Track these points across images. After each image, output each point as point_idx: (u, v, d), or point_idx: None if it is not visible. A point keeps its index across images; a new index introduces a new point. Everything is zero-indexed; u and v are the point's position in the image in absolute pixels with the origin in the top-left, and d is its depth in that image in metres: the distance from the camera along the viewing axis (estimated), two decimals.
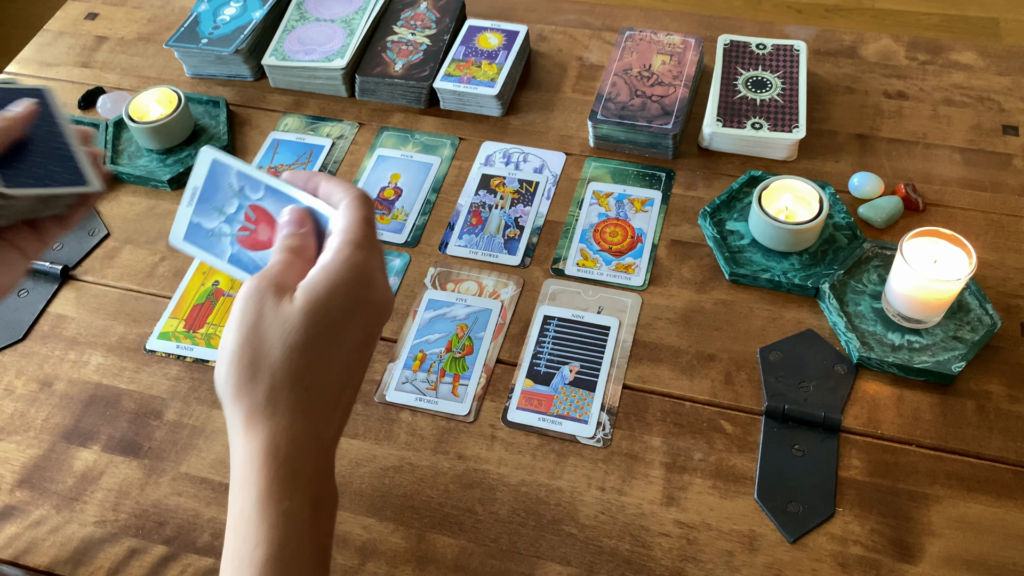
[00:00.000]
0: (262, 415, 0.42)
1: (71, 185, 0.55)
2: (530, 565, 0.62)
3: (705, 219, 0.80)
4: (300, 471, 0.42)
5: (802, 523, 0.62)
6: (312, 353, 0.43)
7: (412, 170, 0.88)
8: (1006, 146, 0.85)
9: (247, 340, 0.42)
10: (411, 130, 0.92)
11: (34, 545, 0.65)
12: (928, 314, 0.70)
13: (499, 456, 0.67)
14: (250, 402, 0.42)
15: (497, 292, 0.77)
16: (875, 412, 0.68)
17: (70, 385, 0.74)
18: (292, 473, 0.42)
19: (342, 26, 0.98)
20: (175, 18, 1.08)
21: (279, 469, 0.41)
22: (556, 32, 1.01)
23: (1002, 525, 0.62)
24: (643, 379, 0.71)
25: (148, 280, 0.81)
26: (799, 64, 0.89)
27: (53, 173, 0.55)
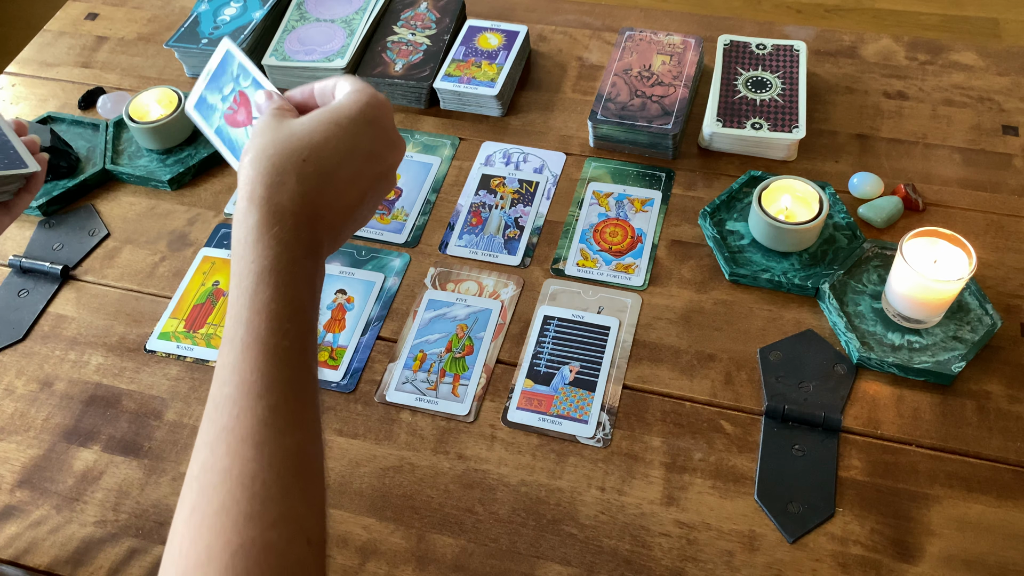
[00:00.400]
0: (272, 190, 0.48)
1: (8, 168, 0.64)
2: (530, 565, 0.62)
3: (705, 219, 0.80)
4: (294, 220, 0.48)
5: (802, 523, 0.62)
6: (324, 147, 0.50)
7: (412, 170, 0.88)
8: (1006, 146, 0.85)
9: (265, 145, 0.49)
10: (411, 130, 0.92)
11: (34, 545, 0.65)
12: (928, 314, 0.70)
13: (499, 456, 0.67)
14: (263, 190, 0.48)
15: (497, 292, 0.77)
16: (875, 412, 0.68)
17: (70, 385, 0.74)
18: (286, 216, 0.48)
19: (342, 26, 0.98)
20: (175, 18, 1.08)
21: (273, 213, 0.48)
22: (556, 32, 1.01)
23: (1002, 525, 0.62)
24: (643, 379, 0.71)
25: (148, 280, 0.81)
26: (799, 64, 0.89)
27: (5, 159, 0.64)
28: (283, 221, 0.48)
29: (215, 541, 0.40)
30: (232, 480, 0.41)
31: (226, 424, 0.43)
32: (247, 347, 0.45)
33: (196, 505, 0.42)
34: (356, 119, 0.51)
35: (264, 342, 0.45)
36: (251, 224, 0.48)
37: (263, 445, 0.42)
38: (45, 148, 0.86)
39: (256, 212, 0.48)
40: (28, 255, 0.84)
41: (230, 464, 0.42)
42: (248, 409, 0.43)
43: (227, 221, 0.85)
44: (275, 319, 0.46)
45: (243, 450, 0.42)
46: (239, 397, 0.44)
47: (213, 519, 0.41)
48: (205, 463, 0.43)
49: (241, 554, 0.40)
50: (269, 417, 0.43)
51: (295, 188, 0.49)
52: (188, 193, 0.88)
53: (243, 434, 0.43)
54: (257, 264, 0.47)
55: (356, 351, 0.74)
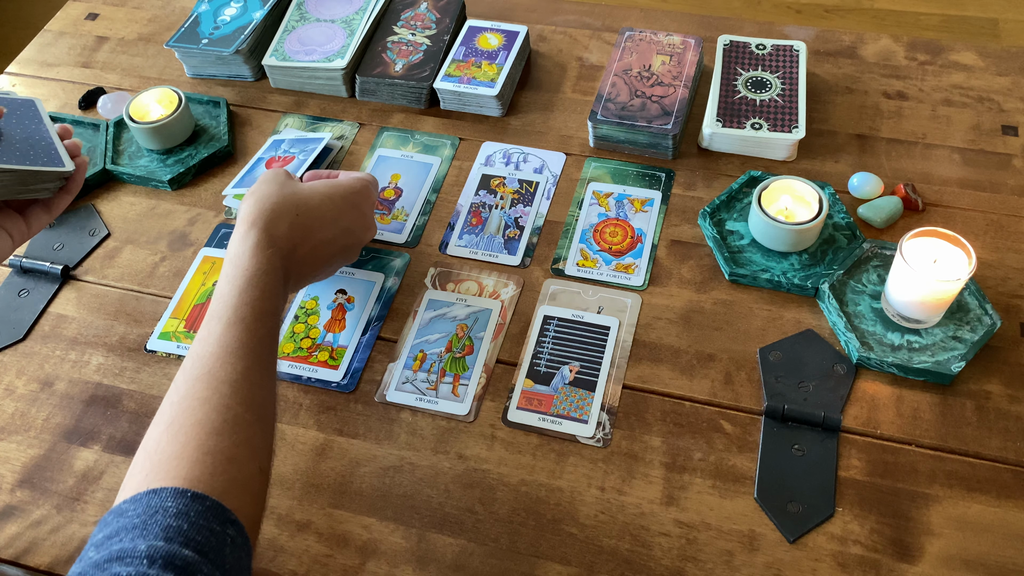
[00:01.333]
0: (271, 223, 0.64)
1: (47, 165, 0.68)
2: (530, 565, 0.62)
3: (705, 219, 0.80)
4: (281, 249, 0.63)
5: (802, 523, 0.62)
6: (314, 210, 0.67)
7: (412, 170, 0.88)
8: (1006, 146, 0.85)
9: (272, 192, 0.66)
10: (411, 130, 0.92)
11: (35, 545, 0.65)
12: (928, 314, 0.70)
13: (499, 456, 0.67)
14: (262, 223, 0.64)
15: (497, 292, 0.78)
16: (875, 412, 0.68)
17: (71, 385, 0.74)
18: (277, 242, 0.63)
19: (342, 26, 0.98)
20: (175, 18, 1.08)
21: (269, 237, 0.63)
22: (556, 32, 1.02)
23: (1002, 525, 0.62)
24: (643, 379, 0.71)
25: (148, 280, 0.81)
26: (799, 64, 0.89)
27: (31, 155, 0.67)
28: (275, 246, 0.62)
29: (189, 442, 0.50)
30: (210, 405, 0.52)
31: (209, 370, 0.54)
32: (232, 324, 0.56)
33: (175, 419, 0.52)
34: (345, 198, 0.70)
35: (247, 325, 0.57)
36: (251, 242, 0.62)
37: (238, 388, 0.53)
38: None
39: (256, 234, 0.62)
40: (28, 255, 0.84)
41: (210, 395, 0.52)
42: (229, 364, 0.54)
43: (228, 221, 0.86)
44: (258, 312, 0.58)
45: (221, 388, 0.53)
46: (222, 354, 0.55)
47: (190, 429, 0.51)
48: (187, 392, 0.53)
49: (209, 456, 0.49)
50: (244, 371, 0.55)
51: (286, 229, 0.64)
52: (188, 193, 0.89)
53: (222, 377, 0.54)
54: (250, 270, 0.60)
55: (356, 351, 0.74)
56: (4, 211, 0.68)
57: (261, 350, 0.57)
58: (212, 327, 0.57)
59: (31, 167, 0.66)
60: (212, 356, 0.55)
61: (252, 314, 0.57)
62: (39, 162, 0.67)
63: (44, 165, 0.67)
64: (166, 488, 0.47)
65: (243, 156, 0.91)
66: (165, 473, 0.48)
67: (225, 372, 0.54)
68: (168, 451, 0.49)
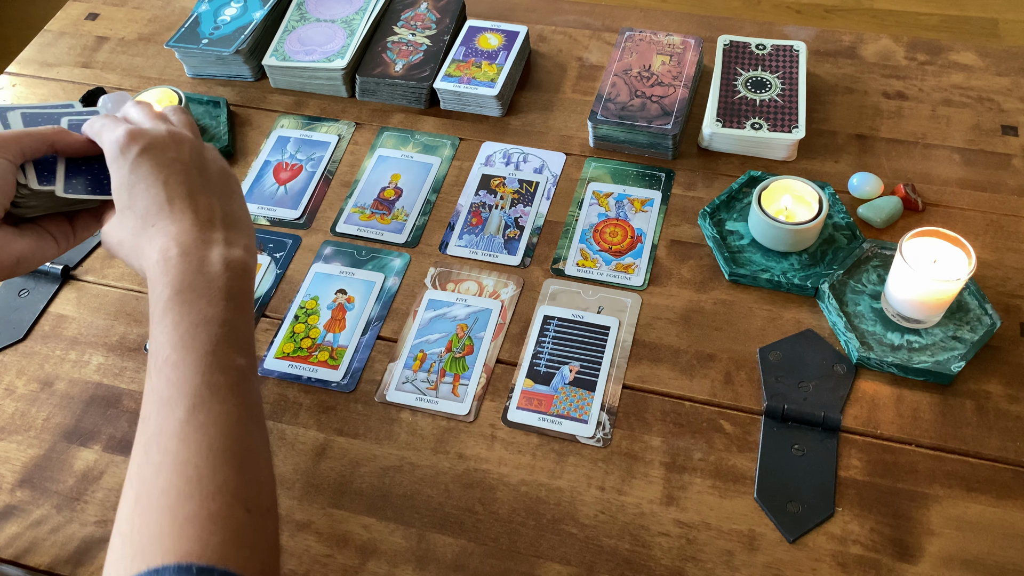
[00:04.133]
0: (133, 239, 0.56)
1: (101, 193, 0.61)
2: (530, 565, 0.62)
3: (705, 219, 0.80)
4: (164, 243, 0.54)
5: (802, 523, 0.62)
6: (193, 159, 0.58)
7: (412, 170, 0.88)
8: (1005, 146, 0.85)
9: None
10: (411, 130, 0.92)
11: (35, 545, 0.65)
12: (927, 314, 0.70)
13: (499, 456, 0.67)
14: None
15: (497, 292, 0.78)
16: (874, 412, 0.68)
17: (71, 385, 0.74)
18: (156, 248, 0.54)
19: (342, 26, 0.98)
20: (176, 18, 1.08)
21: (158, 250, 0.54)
22: (556, 33, 1.02)
23: (1001, 525, 0.62)
24: (643, 379, 0.71)
25: None
26: (798, 64, 0.89)
27: (102, 182, 0.61)
28: (168, 261, 0.53)
29: (162, 517, 0.45)
30: (167, 469, 0.47)
31: (153, 431, 0.48)
32: (159, 371, 0.50)
33: (139, 494, 0.47)
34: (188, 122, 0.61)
35: (172, 361, 0.50)
36: (151, 275, 0.54)
37: (188, 439, 0.48)
38: None
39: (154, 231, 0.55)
40: None
41: (162, 459, 0.47)
42: (169, 416, 0.48)
43: None
44: (178, 339, 0.51)
45: (171, 445, 0.47)
46: (160, 408, 0.49)
47: (158, 500, 0.46)
48: (141, 463, 0.48)
49: (189, 525, 0.45)
50: (188, 416, 0.48)
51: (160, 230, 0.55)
52: None
53: (169, 434, 0.48)
54: (156, 303, 0.52)
55: (356, 351, 0.74)
56: (55, 217, 0.63)
57: (198, 379, 0.49)
58: (146, 383, 0.51)
59: (96, 196, 0.61)
60: (152, 416, 0.49)
61: (171, 344, 0.50)
62: (107, 191, 0.60)
63: (100, 193, 0.61)
64: (168, 566, 0.43)
65: (243, 156, 0.91)
66: (153, 553, 0.44)
67: (170, 428, 0.48)
68: (145, 531, 0.45)
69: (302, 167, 0.89)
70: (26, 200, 0.59)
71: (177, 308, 0.51)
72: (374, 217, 0.84)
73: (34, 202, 0.60)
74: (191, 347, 0.50)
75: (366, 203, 0.86)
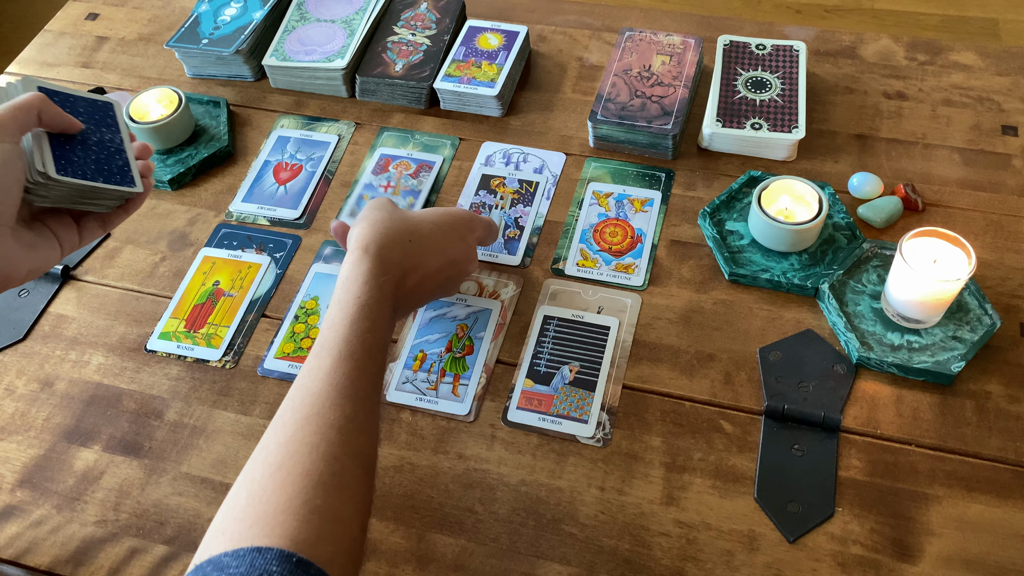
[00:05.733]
0: (385, 249, 0.63)
1: (115, 184, 0.63)
2: (530, 565, 0.62)
3: (705, 219, 0.80)
4: (394, 275, 0.63)
5: (802, 523, 0.62)
6: (425, 239, 0.66)
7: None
8: (1005, 146, 0.85)
9: (383, 219, 0.65)
10: (411, 130, 0.92)
11: (35, 545, 0.65)
12: (927, 314, 0.70)
13: (499, 456, 0.67)
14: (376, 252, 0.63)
15: (497, 292, 0.78)
16: (874, 412, 0.68)
17: (71, 385, 0.74)
18: (391, 269, 0.63)
19: (342, 26, 0.98)
20: (176, 18, 1.08)
21: (384, 264, 0.62)
22: (556, 32, 1.02)
23: (1001, 525, 0.62)
24: (643, 379, 0.71)
25: (149, 280, 0.81)
26: (798, 64, 0.89)
27: (102, 170, 0.63)
28: (387, 273, 0.61)
29: (296, 496, 0.47)
30: (318, 454, 0.49)
31: (319, 411, 0.52)
32: (343, 359, 0.55)
33: (283, 464, 0.49)
34: (454, 227, 0.69)
35: (357, 360, 0.55)
36: (364, 268, 0.61)
37: (347, 435, 0.51)
38: None
39: (369, 260, 0.61)
40: None
41: (318, 442, 0.50)
42: (338, 405, 0.52)
43: (228, 221, 0.86)
44: (368, 347, 0.56)
45: (330, 434, 0.50)
46: (332, 394, 0.53)
47: (298, 479, 0.48)
48: (295, 435, 0.50)
49: (316, 516, 0.47)
50: (352, 416, 0.52)
51: (399, 256, 0.63)
52: (188, 193, 0.89)
53: (331, 421, 0.51)
54: (362, 298, 0.59)
55: None
56: (60, 217, 0.63)
57: (370, 390, 0.55)
58: (323, 360, 0.55)
59: (102, 184, 0.61)
60: (322, 395, 0.53)
61: (363, 348, 0.56)
62: (111, 180, 0.62)
63: (115, 184, 0.62)
64: (272, 549, 0.44)
65: (243, 156, 0.91)
66: (271, 529, 0.46)
67: (334, 416, 0.51)
68: (275, 501, 0.47)
69: (302, 167, 0.89)
70: (39, 188, 0.59)
71: (380, 318, 0.59)
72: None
73: (46, 192, 0.59)
74: (373, 358, 0.57)
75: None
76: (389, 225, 0.65)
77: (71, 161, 0.60)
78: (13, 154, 0.56)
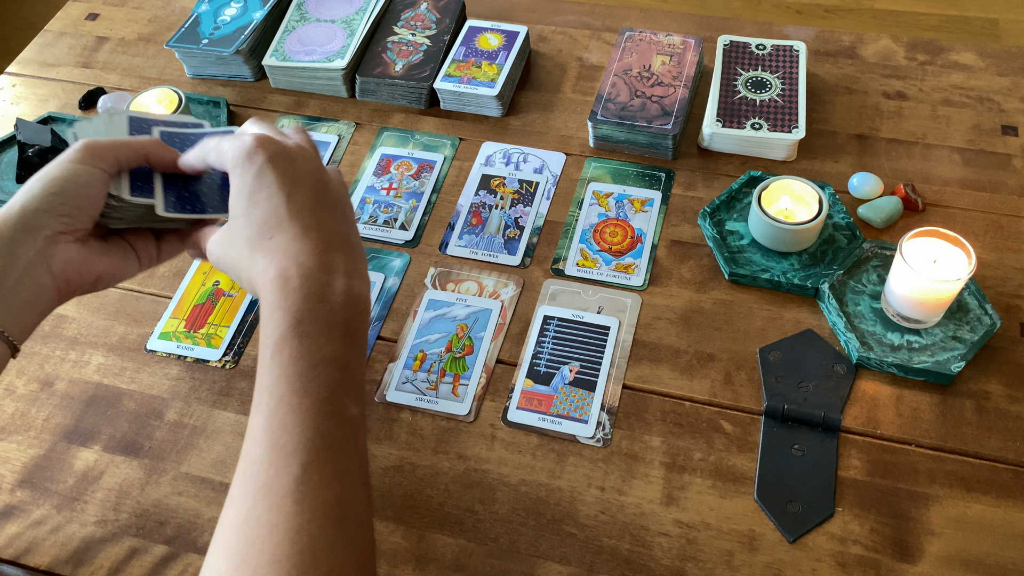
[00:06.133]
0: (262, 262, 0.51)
1: (211, 212, 0.59)
2: (530, 565, 0.62)
3: (705, 219, 0.80)
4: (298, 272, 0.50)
5: (802, 523, 0.62)
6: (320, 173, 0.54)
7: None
8: (1005, 146, 0.85)
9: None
10: (411, 130, 0.92)
11: (35, 545, 0.65)
12: (927, 314, 0.70)
13: (499, 456, 0.67)
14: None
15: (497, 292, 0.78)
16: (874, 412, 0.68)
17: (71, 385, 0.74)
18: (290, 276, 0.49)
19: (342, 27, 0.98)
20: (176, 19, 1.08)
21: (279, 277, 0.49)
22: (556, 33, 1.02)
23: (1001, 525, 0.62)
24: (643, 379, 0.71)
25: (149, 280, 0.81)
26: (799, 64, 0.89)
27: (206, 201, 0.59)
28: (288, 283, 0.49)
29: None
30: (280, 533, 0.42)
31: (265, 482, 0.44)
32: (273, 411, 0.46)
33: (247, 556, 0.42)
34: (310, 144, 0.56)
35: (287, 403, 0.46)
36: (265, 293, 0.49)
37: (303, 501, 0.43)
38: (45, 148, 0.87)
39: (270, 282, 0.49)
40: None
41: (275, 518, 0.43)
42: (283, 468, 0.44)
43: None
44: (296, 379, 0.46)
45: (285, 505, 0.43)
46: (273, 458, 0.45)
47: (266, 570, 0.42)
48: (249, 516, 0.43)
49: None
50: (303, 474, 0.44)
51: (280, 245, 0.50)
52: None
53: (282, 491, 0.44)
54: (274, 332, 0.48)
55: None
56: (142, 232, 0.61)
57: (317, 429, 0.45)
58: (254, 418, 0.47)
59: (195, 216, 0.59)
60: (264, 462, 0.44)
61: (291, 384, 0.46)
62: (206, 210, 0.59)
63: (207, 213, 0.59)
64: None
65: None
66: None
67: (283, 481, 0.44)
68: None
69: None
70: (114, 211, 0.58)
71: (296, 341, 0.47)
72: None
73: (123, 213, 0.59)
74: (308, 390, 0.46)
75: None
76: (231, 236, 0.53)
77: (148, 184, 0.59)
78: (97, 179, 0.55)
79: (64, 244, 0.55)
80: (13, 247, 0.53)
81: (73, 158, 0.56)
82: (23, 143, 0.87)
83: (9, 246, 0.53)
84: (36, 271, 0.54)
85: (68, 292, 0.57)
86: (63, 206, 0.55)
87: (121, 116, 0.62)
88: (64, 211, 0.55)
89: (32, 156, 0.87)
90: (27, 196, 0.55)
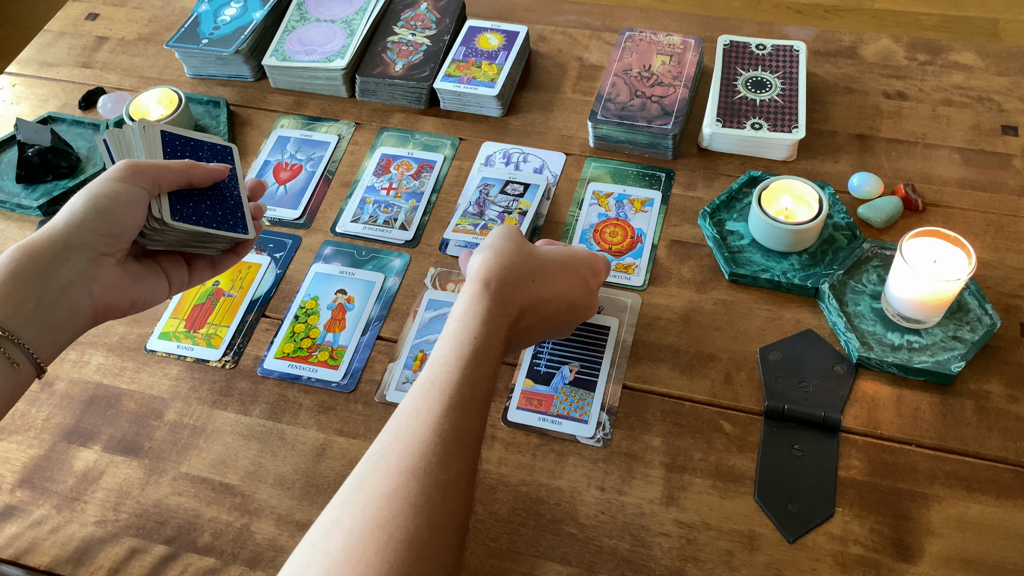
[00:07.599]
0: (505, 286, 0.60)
1: (227, 230, 0.62)
2: (530, 565, 0.62)
3: (705, 219, 0.80)
4: (513, 314, 0.59)
5: (802, 523, 0.62)
6: (549, 281, 0.63)
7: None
8: (1005, 146, 0.85)
9: (510, 251, 0.62)
10: (411, 130, 0.92)
11: (35, 545, 0.65)
12: (928, 314, 0.70)
13: (499, 456, 0.67)
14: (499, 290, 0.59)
15: None
16: (875, 412, 0.68)
17: (71, 385, 0.74)
18: (509, 308, 0.59)
19: (342, 26, 0.98)
20: (176, 18, 1.08)
21: (503, 302, 0.59)
22: (556, 32, 1.02)
23: (1001, 525, 0.62)
24: (643, 379, 0.71)
25: None
26: (799, 64, 0.89)
27: (216, 216, 0.62)
28: (507, 310, 0.58)
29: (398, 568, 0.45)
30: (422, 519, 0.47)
31: (424, 466, 0.49)
32: (453, 407, 0.52)
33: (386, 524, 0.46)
34: (579, 272, 0.65)
35: (467, 411, 0.52)
36: (483, 305, 0.57)
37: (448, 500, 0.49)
38: (45, 148, 0.87)
39: (489, 297, 0.58)
40: None
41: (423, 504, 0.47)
42: (445, 463, 0.49)
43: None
44: (480, 396, 0.54)
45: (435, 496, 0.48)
46: (439, 448, 0.50)
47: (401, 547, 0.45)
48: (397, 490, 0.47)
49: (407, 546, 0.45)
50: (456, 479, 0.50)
51: (521, 293, 0.60)
52: None
53: (437, 481, 0.48)
54: (480, 340, 0.56)
55: (356, 351, 0.74)
56: (172, 256, 0.63)
57: (475, 450, 0.52)
58: (432, 403, 0.52)
59: (215, 231, 0.62)
60: (429, 445, 0.49)
61: (474, 398, 0.53)
62: (224, 226, 0.62)
63: (227, 230, 0.62)
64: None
65: (243, 156, 0.91)
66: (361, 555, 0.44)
67: (441, 475, 0.49)
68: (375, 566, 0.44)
69: (302, 167, 0.89)
70: (155, 232, 0.59)
71: (484, 368, 0.55)
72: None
73: (162, 236, 0.60)
74: (480, 411, 0.54)
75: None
76: (515, 259, 0.61)
77: (187, 207, 0.61)
78: (140, 198, 0.57)
79: (106, 267, 0.56)
80: (55, 265, 0.53)
81: (115, 176, 0.57)
82: (23, 143, 0.87)
83: (51, 264, 0.53)
84: (75, 292, 0.54)
85: (104, 316, 0.57)
86: (107, 224, 0.55)
87: (154, 128, 0.63)
88: (108, 230, 0.55)
89: (32, 156, 0.87)
90: (71, 213, 0.55)
